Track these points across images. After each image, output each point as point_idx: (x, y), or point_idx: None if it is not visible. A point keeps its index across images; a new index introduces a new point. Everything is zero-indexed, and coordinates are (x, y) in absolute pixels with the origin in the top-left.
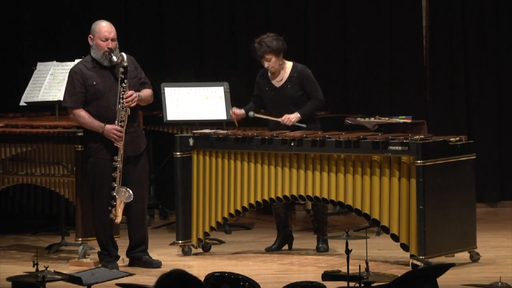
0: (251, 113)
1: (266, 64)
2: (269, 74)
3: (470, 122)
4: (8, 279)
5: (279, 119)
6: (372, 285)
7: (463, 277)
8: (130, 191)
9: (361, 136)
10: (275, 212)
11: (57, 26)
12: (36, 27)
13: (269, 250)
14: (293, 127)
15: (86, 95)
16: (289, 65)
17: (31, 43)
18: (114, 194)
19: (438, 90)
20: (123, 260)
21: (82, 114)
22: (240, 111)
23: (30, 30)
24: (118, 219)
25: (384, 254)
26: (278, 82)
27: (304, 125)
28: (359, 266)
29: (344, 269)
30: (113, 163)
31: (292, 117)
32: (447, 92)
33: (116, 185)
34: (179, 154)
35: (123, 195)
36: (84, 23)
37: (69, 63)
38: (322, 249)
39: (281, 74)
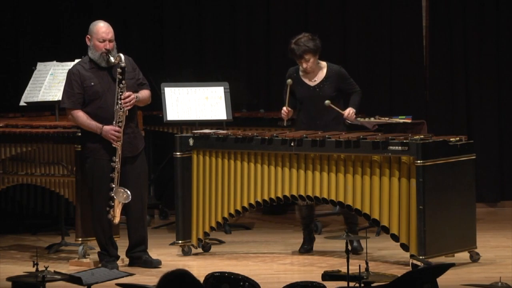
0: (327, 102)
1: (304, 65)
2: (300, 73)
3: (470, 122)
4: (8, 279)
5: (344, 112)
6: (372, 285)
7: (463, 277)
8: (128, 192)
9: (361, 136)
10: (300, 214)
11: (57, 26)
12: (36, 27)
13: (303, 252)
14: (350, 124)
15: (84, 96)
16: (324, 64)
17: (31, 43)
18: (112, 194)
19: (438, 90)
20: (123, 260)
21: (80, 115)
22: (290, 109)
23: (30, 30)
24: (116, 220)
25: (384, 254)
26: (312, 81)
27: (358, 121)
28: (359, 266)
29: (344, 269)
30: (111, 163)
31: (353, 112)
32: (447, 92)
33: (114, 185)
34: (179, 154)
35: (121, 196)
36: (84, 23)
37: (69, 63)
38: (359, 248)
39: (315, 73)
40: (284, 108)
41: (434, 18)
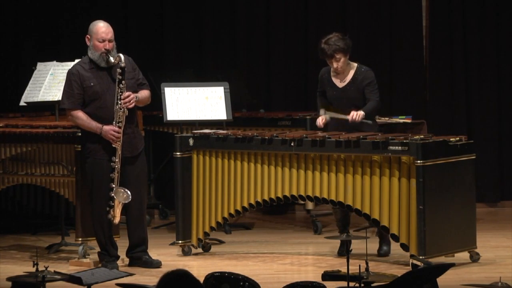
0: (322, 111)
1: (334, 65)
2: (331, 73)
3: (470, 122)
4: (8, 279)
5: (347, 117)
6: (372, 285)
7: (463, 277)
8: (128, 192)
9: (361, 136)
10: (335, 216)
11: (57, 26)
12: (36, 27)
13: (341, 254)
14: (359, 124)
15: (84, 96)
16: (354, 66)
17: (31, 43)
18: (112, 195)
19: (438, 90)
20: (123, 260)
21: (80, 115)
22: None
23: (30, 30)
24: (116, 220)
25: None
26: (341, 82)
27: (370, 121)
28: (359, 266)
29: (344, 269)
30: (111, 163)
31: (361, 114)
32: (447, 92)
33: (114, 186)
34: (179, 154)
35: (121, 196)
36: (84, 23)
37: (69, 63)
38: (387, 251)
39: (345, 75)
40: (320, 118)
41: (434, 18)
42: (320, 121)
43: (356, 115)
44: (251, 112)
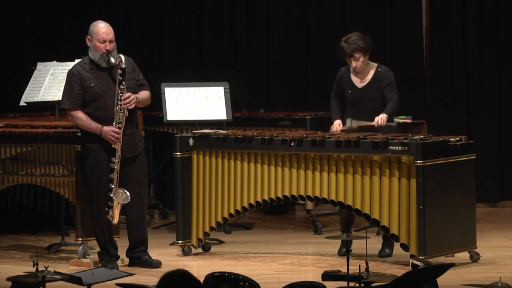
0: (348, 121)
1: (354, 64)
2: (351, 73)
3: (470, 122)
4: (8, 279)
5: (372, 123)
6: (372, 285)
7: (463, 277)
8: (127, 193)
9: (361, 136)
10: (340, 215)
11: (57, 26)
12: (36, 27)
13: (342, 254)
14: (384, 128)
15: (84, 96)
16: (373, 66)
17: (31, 43)
18: (111, 195)
19: (438, 90)
20: (123, 260)
21: (80, 115)
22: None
23: (30, 30)
24: (115, 220)
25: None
26: (360, 82)
27: (394, 123)
28: (359, 266)
29: (344, 269)
30: (111, 164)
31: (385, 117)
32: (447, 92)
33: (113, 186)
34: (179, 154)
35: (120, 197)
36: (84, 24)
37: (69, 63)
38: (389, 254)
39: (364, 75)
40: (337, 122)
41: (434, 18)
42: (337, 125)
43: (381, 119)
44: (251, 112)
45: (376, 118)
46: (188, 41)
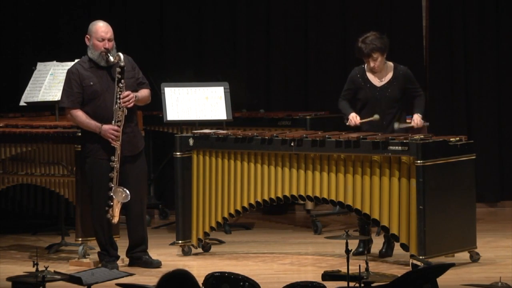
0: (396, 124)
1: (371, 64)
2: (367, 72)
3: (470, 122)
4: (8, 279)
5: (412, 124)
6: (372, 285)
7: (463, 277)
8: (127, 191)
9: (361, 136)
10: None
11: (57, 26)
12: (36, 27)
13: (356, 254)
14: (422, 128)
15: (83, 95)
16: (390, 65)
17: (31, 43)
18: (111, 194)
19: (438, 90)
20: (123, 260)
21: (79, 114)
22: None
23: (30, 30)
24: (115, 219)
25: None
26: (379, 81)
27: (427, 123)
28: (359, 266)
29: (344, 269)
30: (110, 163)
31: (420, 117)
32: (447, 92)
33: (113, 185)
34: (179, 154)
35: (120, 195)
36: (84, 23)
37: (69, 63)
38: (389, 255)
39: (382, 74)
40: (353, 114)
41: (434, 18)
42: (354, 118)
43: (419, 120)
44: (251, 112)
45: (416, 121)
46: (188, 41)
